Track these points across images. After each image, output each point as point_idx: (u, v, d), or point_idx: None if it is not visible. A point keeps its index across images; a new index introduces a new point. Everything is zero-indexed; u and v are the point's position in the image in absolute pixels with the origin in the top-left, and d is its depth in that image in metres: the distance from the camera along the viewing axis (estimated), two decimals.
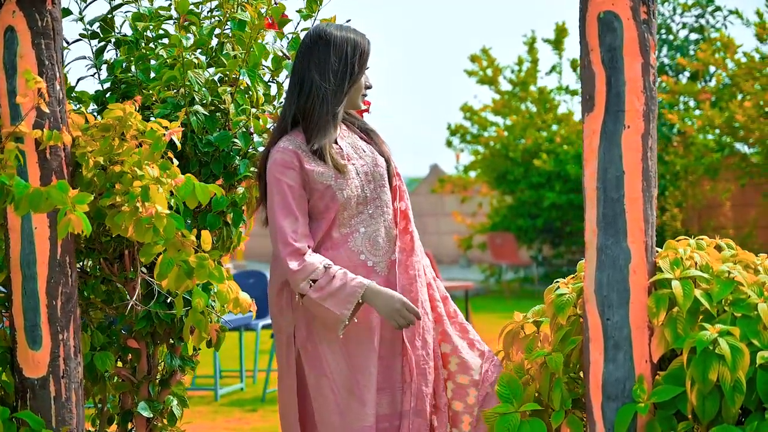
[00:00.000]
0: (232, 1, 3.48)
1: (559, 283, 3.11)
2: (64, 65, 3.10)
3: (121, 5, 3.57)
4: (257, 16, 3.42)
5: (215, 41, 3.53)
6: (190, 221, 3.33)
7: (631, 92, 2.80)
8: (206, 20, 3.57)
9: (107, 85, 3.52)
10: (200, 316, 3.16)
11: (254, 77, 3.40)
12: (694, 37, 15.12)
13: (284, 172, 3.09)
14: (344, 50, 3.14)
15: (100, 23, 3.56)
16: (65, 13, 3.40)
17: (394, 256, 3.20)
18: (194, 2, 3.54)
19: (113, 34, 3.56)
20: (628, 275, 2.80)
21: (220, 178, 3.38)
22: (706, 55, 12.75)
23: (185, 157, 3.37)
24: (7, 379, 3.04)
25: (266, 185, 3.14)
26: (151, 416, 3.43)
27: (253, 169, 3.39)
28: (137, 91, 3.43)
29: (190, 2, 3.47)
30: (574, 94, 16.47)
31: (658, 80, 2.77)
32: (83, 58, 3.55)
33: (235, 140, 3.37)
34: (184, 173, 3.01)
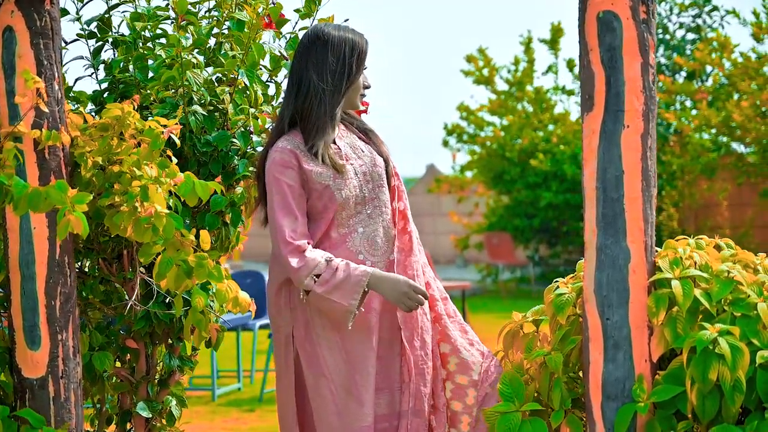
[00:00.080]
0: (230, 0, 3.47)
1: (558, 282, 3.10)
2: (62, 65, 3.10)
3: (118, 5, 3.56)
4: (255, 16, 3.41)
5: (213, 41, 3.53)
6: (188, 221, 3.32)
7: (630, 92, 2.80)
8: (203, 20, 3.57)
9: (105, 85, 3.51)
10: (200, 315, 3.16)
11: (252, 77, 3.40)
12: (690, 36, 15.15)
13: (283, 171, 3.09)
14: (342, 50, 3.14)
15: (97, 23, 3.55)
16: (62, 13, 3.39)
17: (392, 256, 3.19)
18: (192, 2, 3.53)
19: (110, 33, 3.55)
20: (627, 275, 2.80)
21: (218, 177, 3.37)
22: (702, 54, 12.78)
23: (184, 156, 3.36)
24: (5, 379, 3.04)
25: (265, 185, 3.14)
26: (149, 416, 3.43)
27: (252, 169, 3.38)
28: (135, 90, 3.43)
29: (188, 2, 3.46)
30: (570, 94, 16.48)
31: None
32: (80, 58, 3.54)
33: (233, 140, 3.36)
34: (182, 173, 3.01)
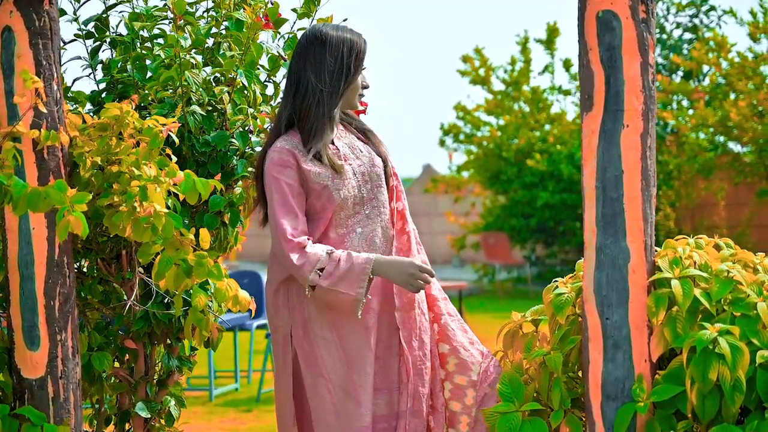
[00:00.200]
0: (228, 0, 3.47)
1: (557, 282, 3.10)
2: (60, 65, 3.09)
3: (115, 5, 3.56)
4: (254, 16, 3.41)
5: (211, 41, 3.52)
6: (187, 221, 3.32)
7: (630, 91, 2.79)
8: (201, 20, 3.56)
9: (103, 85, 3.51)
10: (200, 315, 3.16)
11: (251, 77, 3.40)
12: (687, 36, 15.16)
13: (282, 171, 3.08)
14: (340, 50, 3.13)
15: (94, 23, 3.55)
16: (60, 13, 3.38)
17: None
18: (190, 2, 3.53)
19: (108, 34, 3.55)
20: (627, 274, 2.79)
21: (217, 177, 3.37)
22: (699, 54, 12.79)
23: (183, 157, 3.36)
24: (5, 379, 3.03)
25: (264, 186, 3.14)
26: (148, 417, 3.43)
27: (250, 169, 3.38)
28: (134, 91, 3.43)
29: (186, 2, 3.46)
30: (566, 93, 16.50)
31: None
32: (78, 58, 3.54)
33: (232, 140, 3.36)
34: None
